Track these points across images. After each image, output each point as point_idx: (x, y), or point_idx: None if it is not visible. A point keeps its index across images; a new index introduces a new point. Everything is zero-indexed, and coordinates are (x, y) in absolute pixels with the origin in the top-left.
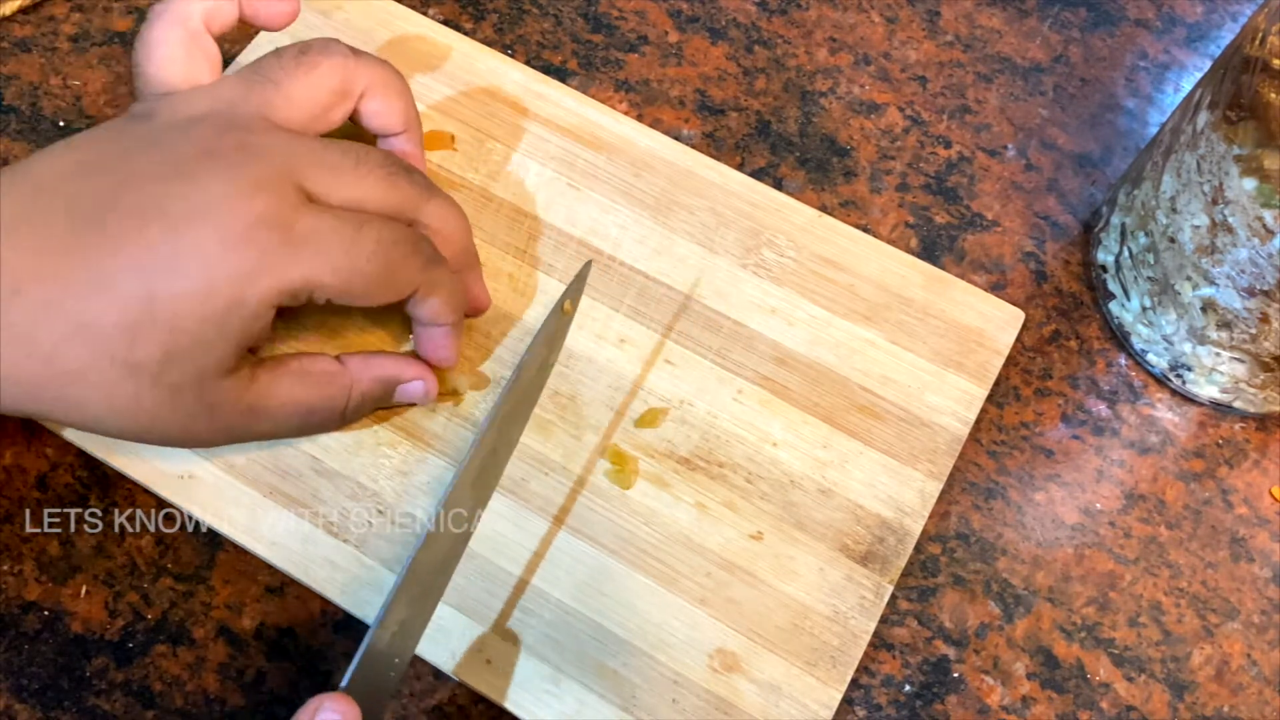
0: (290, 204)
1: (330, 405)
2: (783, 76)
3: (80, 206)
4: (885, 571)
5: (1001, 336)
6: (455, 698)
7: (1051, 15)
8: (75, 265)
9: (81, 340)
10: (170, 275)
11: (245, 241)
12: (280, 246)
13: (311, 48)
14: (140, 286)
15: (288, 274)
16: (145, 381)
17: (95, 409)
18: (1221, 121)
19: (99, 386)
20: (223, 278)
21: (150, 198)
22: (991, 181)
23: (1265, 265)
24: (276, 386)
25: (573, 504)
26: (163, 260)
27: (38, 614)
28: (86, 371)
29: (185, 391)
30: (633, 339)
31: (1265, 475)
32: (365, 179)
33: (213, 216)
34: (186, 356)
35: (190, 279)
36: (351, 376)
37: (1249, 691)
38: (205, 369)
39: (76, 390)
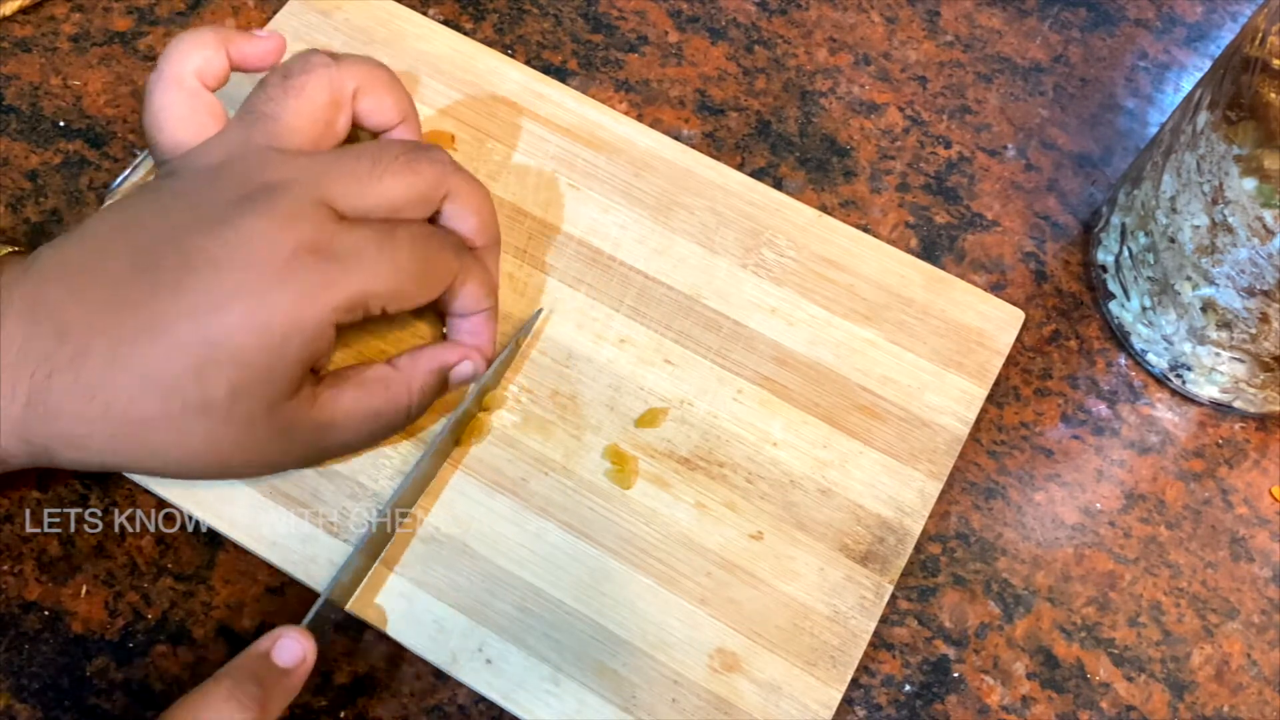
0: (324, 226)
1: (395, 406)
2: (783, 76)
3: (128, 263)
4: (885, 571)
5: (1001, 336)
6: (455, 698)
7: (1051, 15)
8: (132, 318)
9: (151, 390)
10: (225, 315)
11: (289, 271)
12: (324, 268)
13: (293, 69)
14: (198, 331)
15: (338, 292)
16: (218, 419)
17: (175, 453)
18: (1221, 121)
19: (174, 431)
20: (274, 309)
21: (194, 247)
22: (991, 181)
23: (1265, 265)
24: (341, 399)
25: (573, 504)
26: (216, 302)
27: (38, 614)
28: (160, 419)
29: (257, 421)
30: (633, 339)
31: (1265, 475)
32: (386, 176)
33: (256, 255)
34: (253, 388)
35: (244, 315)
36: (406, 376)
37: (1249, 691)
38: (272, 396)
39: (154, 438)
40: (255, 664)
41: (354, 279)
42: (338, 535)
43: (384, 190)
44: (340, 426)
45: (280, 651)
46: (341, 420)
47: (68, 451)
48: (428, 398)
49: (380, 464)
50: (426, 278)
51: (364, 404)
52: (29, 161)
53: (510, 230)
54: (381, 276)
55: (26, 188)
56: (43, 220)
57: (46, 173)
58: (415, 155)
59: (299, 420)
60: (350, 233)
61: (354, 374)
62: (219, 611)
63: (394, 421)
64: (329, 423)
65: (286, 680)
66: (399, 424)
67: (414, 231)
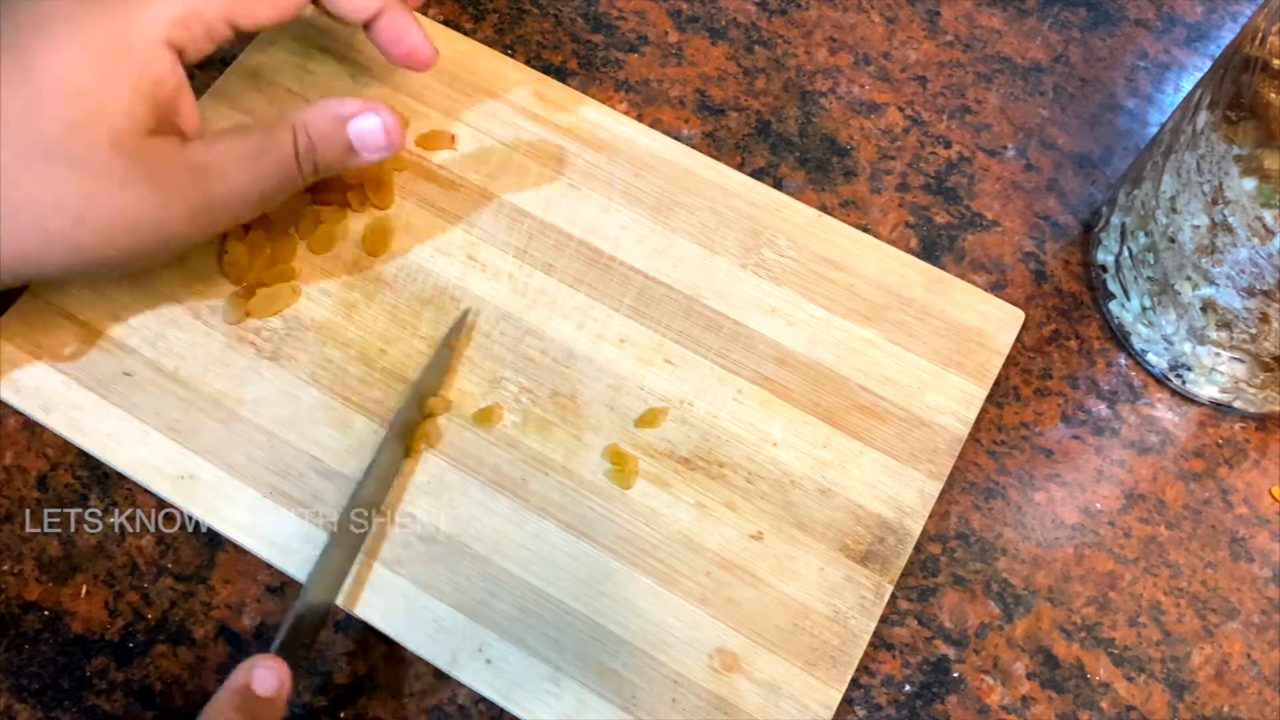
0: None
1: (280, 151)
2: (783, 76)
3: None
4: (885, 571)
5: (1001, 336)
6: (455, 698)
7: (1051, 15)
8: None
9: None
10: (41, 42)
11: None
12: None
13: None
14: (16, 64)
15: (164, 3)
16: (62, 167)
17: (27, 219)
18: (1221, 121)
19: (19, 190)
20: (94, 27)
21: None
22: (991, 181)
23: (1265, 265)
24: (216, 143)
25: (573, 504)
26: (31, 30)
27: (38, 614)
28: (15, 184)
29: (112, 160)
30: (633, 339)
31: (1265, 475)
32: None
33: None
34: (90, 121)
35: (62, 37)
36: (292, 119)
37: (1249, 691)
38: (116, 127)
39: (22, 212)
40: (238, 699)
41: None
42: None
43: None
44: (221, 173)
45: (259, 684)
46: (221, 164)
47: None
48: (323, 149)
49: None
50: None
51: (243, 146)
52: None
53: (510, 230)
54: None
55: None
56: None
57: None
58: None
59: (167, 161)
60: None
61: (235, 126)
62: (219, 611)
63: (284, 170)
64: (206, 165)
65: (271, 707)
66: (292, 174)
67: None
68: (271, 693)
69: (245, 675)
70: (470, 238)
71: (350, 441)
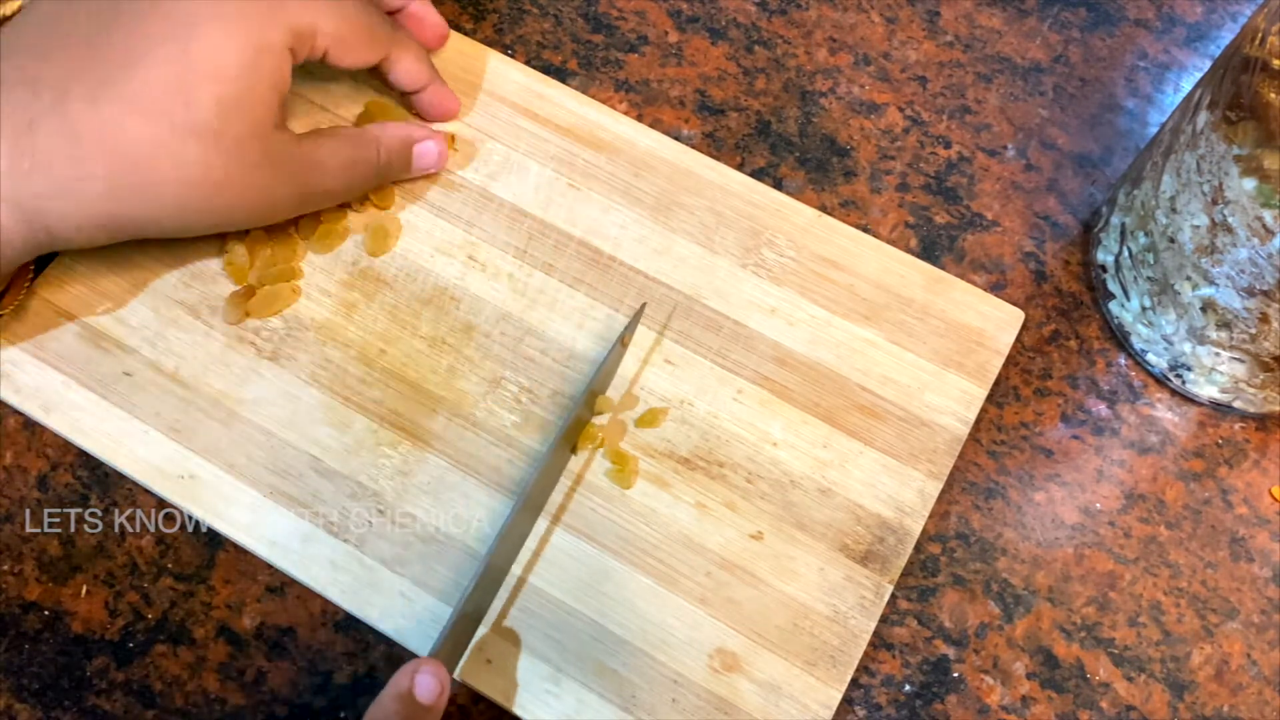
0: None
1: (366, 158)
2: (783, 76)
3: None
4: (885, 571)
5: (1001, 336)
6: (455, 698)
7: (1051, 15)
8: (107, 57)
9: (139, 114)
10: (200, 33)
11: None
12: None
13: None
14: (175, 49)
15: (294, 15)
16: (210, 139)
17: (173, 187)
18: (1221, 121)
19: (168, 158)
20: (241, 26)
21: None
22: (991, 181)
23: (1265, 265)
24: (321, 142)
25: (573, 504)
26: (186, 24)
27: (38, 614)
28: (152, 145)
29: (248, 144)
30: (633, 339)
31: (1265, 475)
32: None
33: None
34: (239, 105)
35: (218, 33)
36: (376, 135)
37: (1249, 691)
38: (258, 117)
39: (150, 168)
40: (403, 707)
41: (306, 11)
42: (337, 535)
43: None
44: (323, 167)
45: (421, 691)
46: (325, 160)
47: (67, 209)
48: (394, 163)
49: (380, 464)
50: (366, 34)
51: (341, 151)
52: None
53: (510, 230)
54: (329, 16)
55: None
56: None
57: None
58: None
59: (287, 151)
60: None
61: (330, 130)
62: (219, 611)
63: (366, 173)
64: (313, 160)
65: (431, 713)
66: (370, 177)
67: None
68: (433, 700)
69: (407, 679)
70: (470, 238)
71: (350, 441)
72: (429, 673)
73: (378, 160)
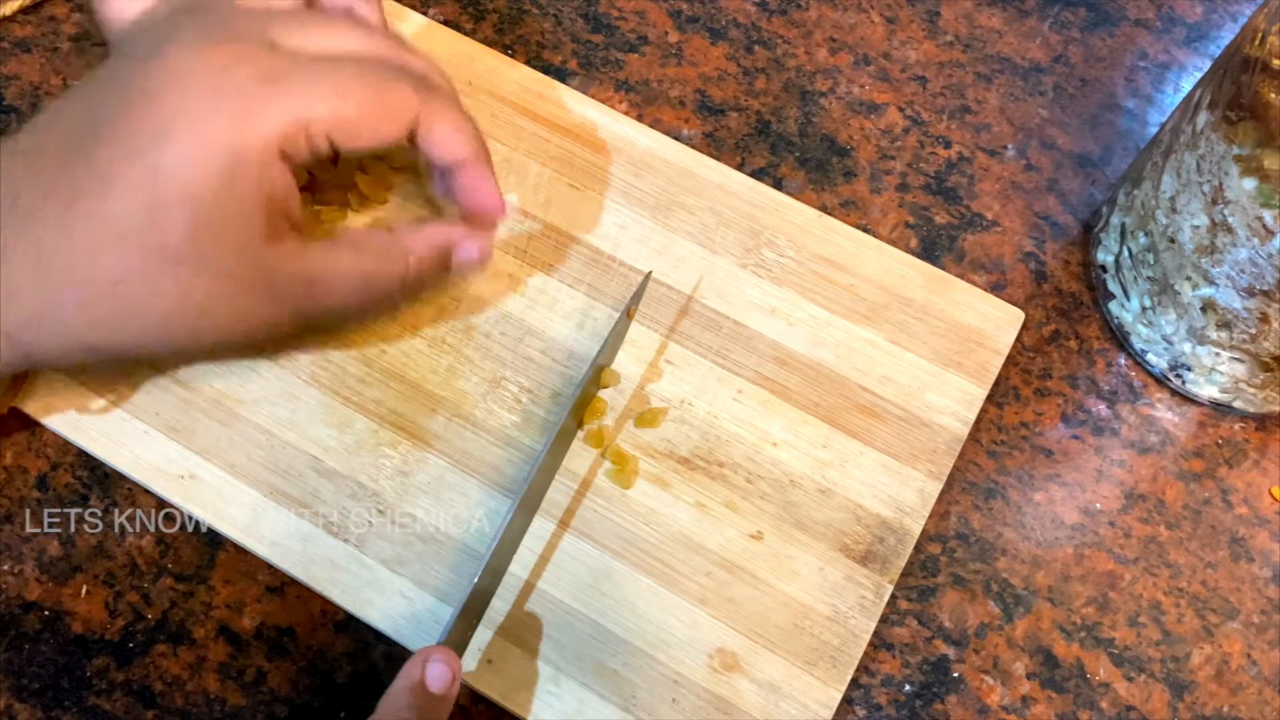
0: (261, 49)
1: (390, 273)
2: (783, 76)
3: (72, 126)
4: (885, 571)
5: (1001, 336)
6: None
7: (1051, 15)
8: (78, 172)
9: (107, 241)
10: (164, 147)
11: (224, 90)
12: (261, 87)
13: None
14: (142, 169)
15: (277, 113)
16: (186, 267)
17: (154, 315)
18: (1221, 121)
19: (143, 286)
20: (214, 132)
21: (127, 85)
22: (991, 181)
23: (1265, 265)
24: (333, 256)
25: (574, 504)
26: (153, 136)
27: (38, 614)
28: (124, 274)
29: (233, 269)
30: (633, 339)
31: (1265, 475)
32: (335, 30)
33: (188, 77)
34: (214, 227)
35: (184, 144)
36: (406, 244)
37: (1249, 691)
38: (240, 236)
39: (124, 297)
40: (415, 698)
41: (291, 99)
42: (337, 535)
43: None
44: (330, 287)
45: (433, 680)
46: (333, 279)
47: (42, 338)
48: (425, 274)
49: (380, 464)
50: (378, 107)
51: (358, 265)
52: None
53: (510, 230)
54: (322, 98)
55: None
56: None
57: None
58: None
59: (283, 271)
60: (288, 57)
61: (351, 237)
62: (219, 611)
63: (388, 291)
64: (317, 279)
65: (444, 702)
66: (392, 296)
67: (362, 60)
68: (445, 689)
69: (419, 669)
70: None
71: (350, 441)
72: (440, 661)
73: (405, 276)
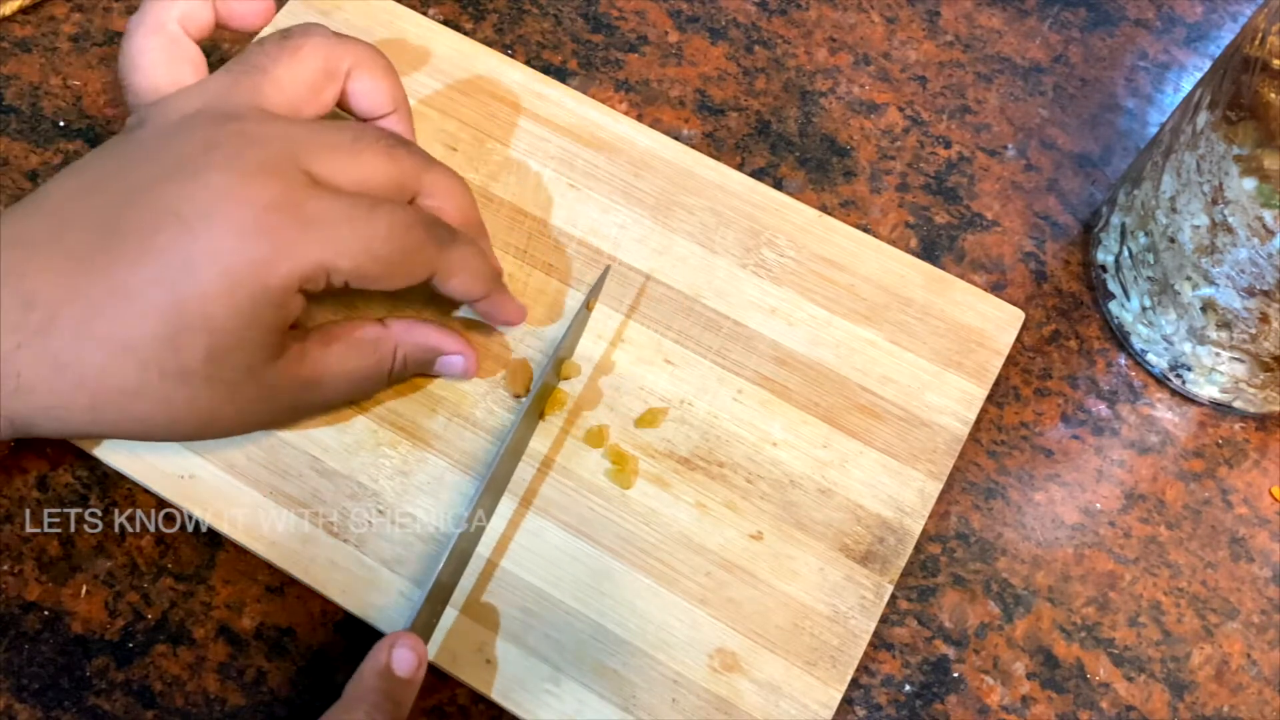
0: (298, 187)
1: (378, 370)
2: (783, 76)
3: (93, 224)
4: (885, 571)
5: (1001, 336)
6: (455, 698)
7: (1051, 15)
8: (101, 283)
9: (125, 360)
10: (192, 276)
11: (258, 229)
12: (292, 229)
13: (293, 32)
14: (166, 294)
15: (304, 257)
16: (198, 384)
17: (160, 419)
18: (1221, 121)
19: (154, 400)
20: (242, 268)
21: (159, 201)
22: (991, 181)
23: (1265, 265)
24: (328, 357)
25: (573, 504)
26: (181, 262)
27: (38, 614)
28: (137, 389)
29: (241, 384)
30: (633, 339)
31: (1265, 475)
32: (364, 154)
33: (222, 209)
34: (230, 353)
35: (212, 276)
36: (396, 340)
37: (1249, 691)
38: (253, 360)
39: (135, 407)
40: (382, 682)
41: (318, 248)
42: (338, 535)
43: (361, 166)
44: (323, 385)
45: (398, 665)
46: (326, 378)
47: (48, 424)
48: (410, 369)
49: (380, 464)
50: (398, 266)
51: (351, 364)
52: (29, 161)
53: (510, 230)
54: (349, 253)
55: (26, 188)
56: None
57: (47, 173)
58: (395, 142)
59: (283, 380)
60: (323, 199)
61: (345, 331)
62: (219, 611)
63: (375, 385)
64: (314, 380)
65: (410, 687)
66: (379, 388)
67: (395, 217)
68: (411, 673)
69: (385, 654)
70: None
71: (350, 441)
72: (406, 646)
73: (392, 369)
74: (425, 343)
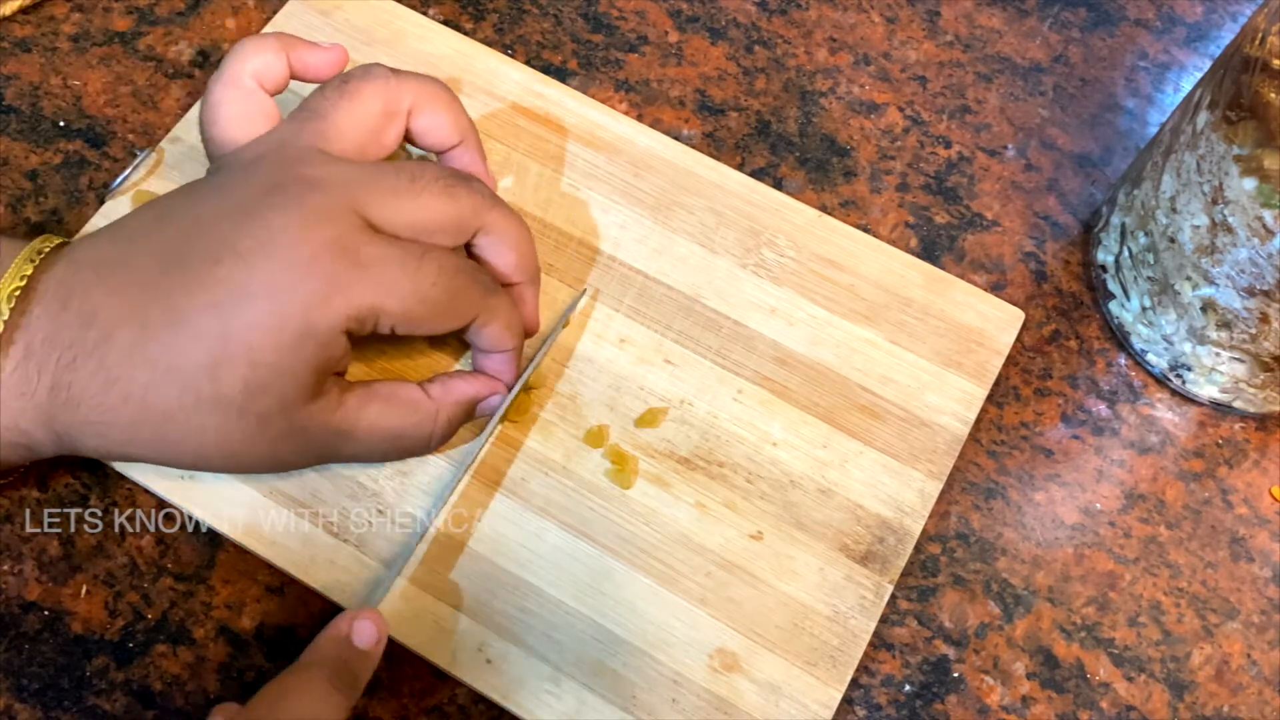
0: (354, 231)
1: (419, 431)
2: (783, 76)
3: (158, 252)
4: (885, 571)
5: (1001, 336)
6: (455, 698)
7: (1051, 15)
8: (158, 309)
9: (169, 381)
10: (242, 309)
11: (311, 269)
12: (346, 272)
13: (352, 76)
14: (216, 323)
15: (354, 299)
16: (233, 414)
17: (190, 446)
18: (1221, 121)
19: (189, 424)
20: (292, 306)
21: (220, 237)
22: (991, 181)
23: (1265, 265)
24: (364, 411)
25: (573, 504)
26: (235, 295)
27: (38, 614)
28: (176, 411)
29: (273, 419)
30: (633, 339)
31: (1265, 475)
32: (423, 195)
33: (279, 248)
34: (268, 387)
35: (261, 310)
36: (436, 403)
37: (1249, 691)
38: (288, 397)
39: (170, 429)
40: (340, 649)
41: (371, 290)
42: (337, 535)
43: (419, 208)
44: (358, 438)
45: (359, 636)
46: (362, 432)
47: (90, 439)
48: (453, 428)
49: (379, 464)
50: (445, 310)
51: (388, 421)
52: (29, 161)
53: None
54: (399, 296)
55: (26, 188)
56: (42, 220)
57: (46, 173)
58: (454, 181)
59: (316, 423)
60: (378, 244)
61: (385, 390)
62: (219, 611)
63: (414, 446)
64: (348, 431)
65: (368, 660)
66: (418, 450)
67: (444, 263)
68: (369, 646)
69: (346, 625)
70: None
71: None
72: (368, 619)
73: (432, 431)
74: (463, 398)
